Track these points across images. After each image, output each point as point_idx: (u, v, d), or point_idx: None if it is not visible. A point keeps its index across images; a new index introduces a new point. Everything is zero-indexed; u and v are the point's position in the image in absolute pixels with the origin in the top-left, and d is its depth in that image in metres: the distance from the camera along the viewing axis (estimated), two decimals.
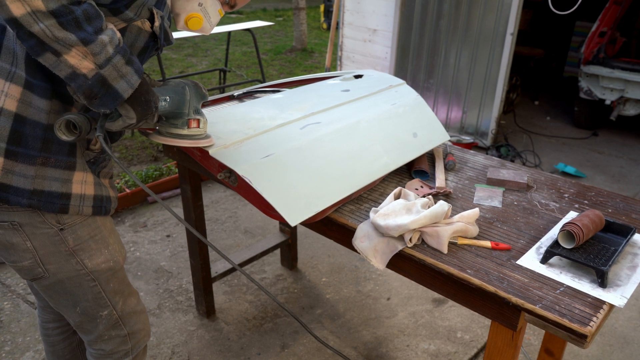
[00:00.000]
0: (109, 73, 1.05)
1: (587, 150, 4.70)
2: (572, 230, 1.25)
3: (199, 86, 1.35)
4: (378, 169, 1.61)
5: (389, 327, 2.42)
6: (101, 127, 1.14)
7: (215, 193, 3.69)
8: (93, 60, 1.02)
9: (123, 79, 1.08)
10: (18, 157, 1.11)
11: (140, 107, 1.14)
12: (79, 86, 1.04)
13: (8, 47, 1.09)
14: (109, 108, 1.09)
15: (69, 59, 0.99)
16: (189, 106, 1.32)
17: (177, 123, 1.32)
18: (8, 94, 1.08)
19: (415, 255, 1.30)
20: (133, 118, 1.14)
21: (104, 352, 1.44)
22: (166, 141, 1.34)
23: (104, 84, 1.05)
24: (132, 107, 1.12)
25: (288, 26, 10.95)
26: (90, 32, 0.99)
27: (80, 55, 1.00)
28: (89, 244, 1.28)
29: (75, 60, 1.00)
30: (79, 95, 1.06)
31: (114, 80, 1.06)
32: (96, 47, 1.01)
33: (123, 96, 1.09)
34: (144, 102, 1.14)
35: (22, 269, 1.25)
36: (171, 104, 1.29)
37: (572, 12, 3.88)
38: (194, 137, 1.35)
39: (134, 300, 1.45)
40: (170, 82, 1.33)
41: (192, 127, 1.34)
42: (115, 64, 1.05)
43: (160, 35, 1.24)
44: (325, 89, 1.99)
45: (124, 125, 1.16)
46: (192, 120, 1.33)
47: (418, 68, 4.83)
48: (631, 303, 2.60)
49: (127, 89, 1.09)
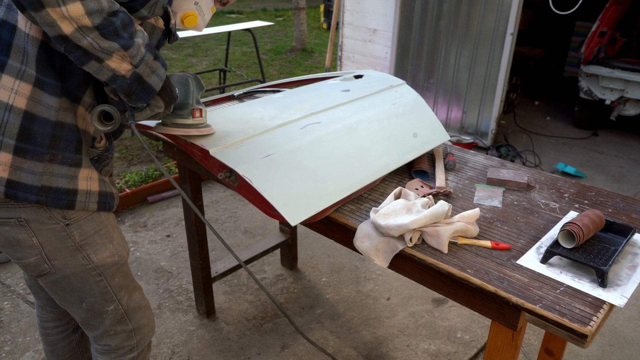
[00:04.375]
0: (143, 70, 1.14)
1: (587, 150, 4.70)
2: (572, 230, 1.25)
3: (198, 78, 1.45)
4: (378, 169, 1.61)
5: (389, 327, 2.42)
6: (132, 115, 1.24)
7: (215, 193, 3.69)
8: (130, 62, 1.10)
9: (154, 74, 1.17)
10: (27, 154, 1.12)
11: (167, 97, 1.25)
12: (119, 86, 1.13)
13: (18, 46, 1.10)
14: (145, 101, 1.20)
15: (110, 63, 1.08)
16: (192, 97, 1.41)
17: (183, 113, 1.42)
18: (18, 92, 1.09)
19: (416, 255, 1.30)
20: (161, 107, 1.26)
21: (109, 348, 1.45)
22: (174, 131, 1.43)
23: (140, 81, 1.15)
24: (161, 97, 1.24)
25: (288, 26, 10.95)
26: (127, 37, 1.08)
27: (120, 59, 1.09)
28: (94, 239, 1.29)
29: (115, 64, 1.09)
30: (120, 94, 1.16)
31: (147, 76, 1.16)
32: (134, 50, 1.10)
33: (156, 89, 1.19)
34: (169, 92, 1.26)
35: (28, 265, 1.26)
36: (179, 96, 1.39)
37: (572, 12, 3.89)
38: (198, 125, 1.46)
39: (139, 295, 1.47)
40: (174, 75, 1.42)
41: (196, 116, 1.44)
42: (147, 61, 1.14)
43: (175, 32, 1.32)
44: (325, 89, 1.99)
45: (152, 114, 1.27)
46: (196, 110, 1.43)
47: (418, 68, 4.83)
48: (631, 303, 2.60)
49: (159, 82, 1.19)
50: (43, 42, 1.11)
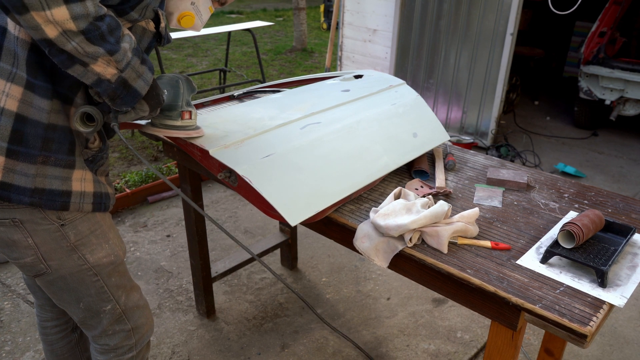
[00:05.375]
0: (129, 75, 1.13)
1: (587, 150, 4.70)
2: (572, 230, 1.25)
3: (190, 80, 1.45)
4: (378, 169, 1.61)
5: (389, 327, 2.42)
6: (115, 117, 1.23)
7: (215, 193, 3.69)
8: (116, 66, 1.09)
9: (140, 78, 1.16)
10: (19, 156, 1.12)
11: (153, 101, 1.25)
12: (104, 90, 1.12)
13: (9, 48, 1.10)
14: (130, 106, 1.19)
15: (95, 67, 1.07)
16: (182, 99, 1.41)
17: (172, 115, 1.41)
18: (9, 94, 1.09)
19: (416, 255, 1.30)
20: (146, 111, 1.25)
21: (108, 347, 1.45)
22: (161, 132, 1.43)
23: (125, 85, 1.14)
24: (146, 102, 1.23)
25: (288, 26, 10.95)
26: (113, 42, 1.07)
27: (105, 64, 1.07)
28: (89, 239, 1.29)
29: (100, 69, 1.08)
30: (104, 98, 1.15)
31: (133, 80, 1.15)
32: (120, 55, 1.09)
33: (141, 94, 1.18)
34: (155, 96, 1.25)
35: (25, 265, 1.26)
36: (168, 97, 1.39)
37: (572, 12, 3.89)
38: (187, 127, 1.45)
39: (137, 295, 1.47)
40: (165, 76, 1.41)
41: (185, 118, 1.43)
42: (133, 65, 1.13)
43: (166, 35, 1.31)
44: (325, 89, 1.99)
45: (136, 117, 1.26)
46: (185, 112, 1.43)
47: (418, 68, 4.83)
48: (631, 303, 2.60)
49: (144, 87, 1.19)
50: (33, 45, 1.10)
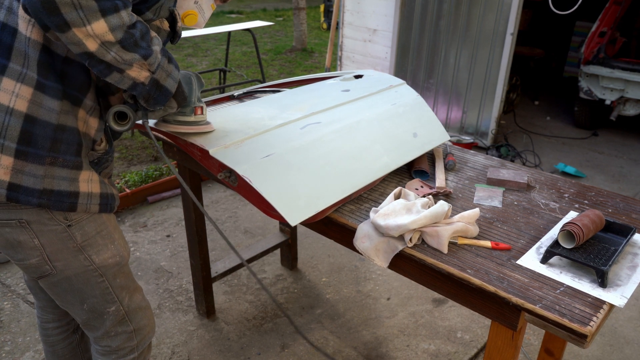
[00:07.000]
0: (159, 75, 1.18)
1: (587, 150, 4.70)
2: (572, 230, 1.25)
3: (199, 76, 1.49)
4: (378, 169, 1.61)
5: (389, 327, 2.42)
6: (145, 115, 1.29)
7: (215, 193, 3.69)
8: (148, 69, 1.15)
9: (170, 77, 1.22)
10: (28, 157, 1.12)
11: (179, 97, 1.31)
12: (139, 93, 1.18)
13: (19, 49, 1.10)
14: (162, 104, 1.26)
15: (130, 73, 1.12)
16: (195, 94, 1.45)
17: (186, 111, 1.45)
18: (19, 95, 1.09)
19: (416, 255, 1.30)
20: (174, 107, 1.32)
21: (110, 349, 1.45)
22: (176, 128, 1.46)
23: (157, 85, 1.19)
24: (174, 98, 1.30)
25: (288, 26, 10.94)
26: (145, 47, 1.12)
27: (139, 68, 1.13)
28: (96, 240, 1.29)
29: (135, 73, 1.13)
30: (139, 100, 1.21)
31: (164, 80, 1.20)
32: (152, 58, 1.14)
33: (172, 92, 1.25)
34: (181, 93, 1.31)
35: (29, 267, 1.25)
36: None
37: (572, 12, 3.89)
38: (199, 122, 1.50)
39: (139, 296, 1.47)
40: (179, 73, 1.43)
41: (197, 114, 1.48)
42: (162, 65, 1.18)
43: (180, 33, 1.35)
44: (325, 89, 1.99)
45: (165, 113, 1.33)
46: (198, 107, 1.47)
47: (418, 68, 4.83)
48: (631, 303, 2.60)
49: (174, 85, 1.24)
50: (44, 46, 1.11)
